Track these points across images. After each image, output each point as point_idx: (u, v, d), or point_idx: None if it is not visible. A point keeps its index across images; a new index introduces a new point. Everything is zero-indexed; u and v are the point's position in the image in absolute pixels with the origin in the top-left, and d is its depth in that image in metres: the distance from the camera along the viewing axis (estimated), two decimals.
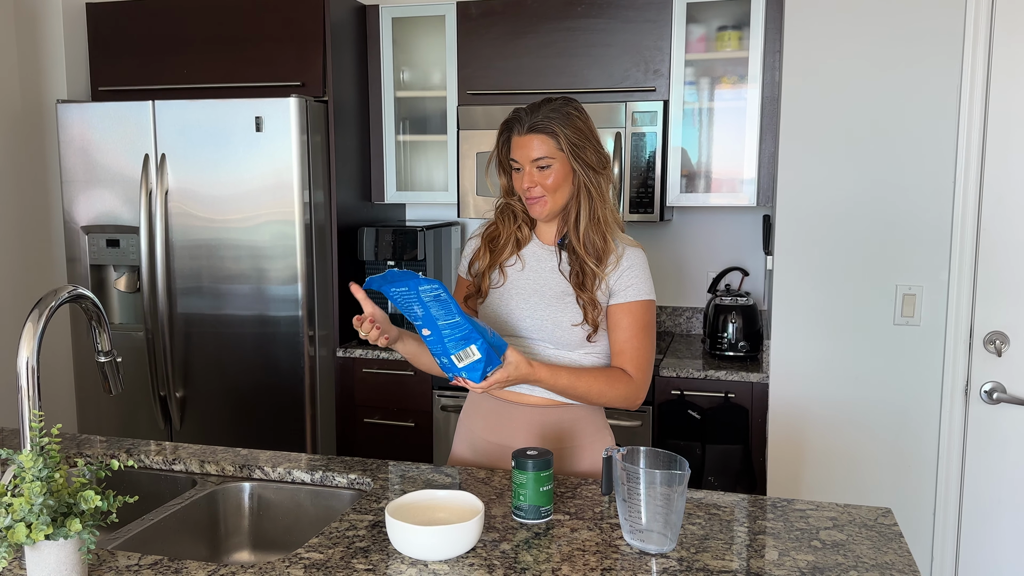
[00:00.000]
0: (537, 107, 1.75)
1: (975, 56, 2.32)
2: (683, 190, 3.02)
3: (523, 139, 1.73)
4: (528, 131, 1.72)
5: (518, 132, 1.74)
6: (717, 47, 2.95)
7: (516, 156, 1.75)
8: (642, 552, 1.39)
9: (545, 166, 1.72)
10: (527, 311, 1.78)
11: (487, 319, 1.83)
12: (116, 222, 3.01)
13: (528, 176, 1.73)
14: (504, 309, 1.81)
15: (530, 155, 1.72)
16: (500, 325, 1.81)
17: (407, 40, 3.29)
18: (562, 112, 1.73)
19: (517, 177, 1.77)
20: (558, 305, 1.77)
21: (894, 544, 1.42)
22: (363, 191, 3.28)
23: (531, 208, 1.77)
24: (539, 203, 1.75)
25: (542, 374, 1.65)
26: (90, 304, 1.46)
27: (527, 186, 1.74)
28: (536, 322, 1.77)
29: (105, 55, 3.21)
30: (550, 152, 1.72)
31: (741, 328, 2.87)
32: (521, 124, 1.73)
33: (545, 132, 1.72)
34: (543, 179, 1.73)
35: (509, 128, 1.77)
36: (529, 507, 1.50)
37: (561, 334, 1.76)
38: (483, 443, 1.85)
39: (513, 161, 1.76)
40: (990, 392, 2.41)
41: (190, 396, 3.04)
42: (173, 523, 1.65)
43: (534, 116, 1.73)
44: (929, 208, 2.41)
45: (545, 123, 1.72)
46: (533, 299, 1.79)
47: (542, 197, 1.74)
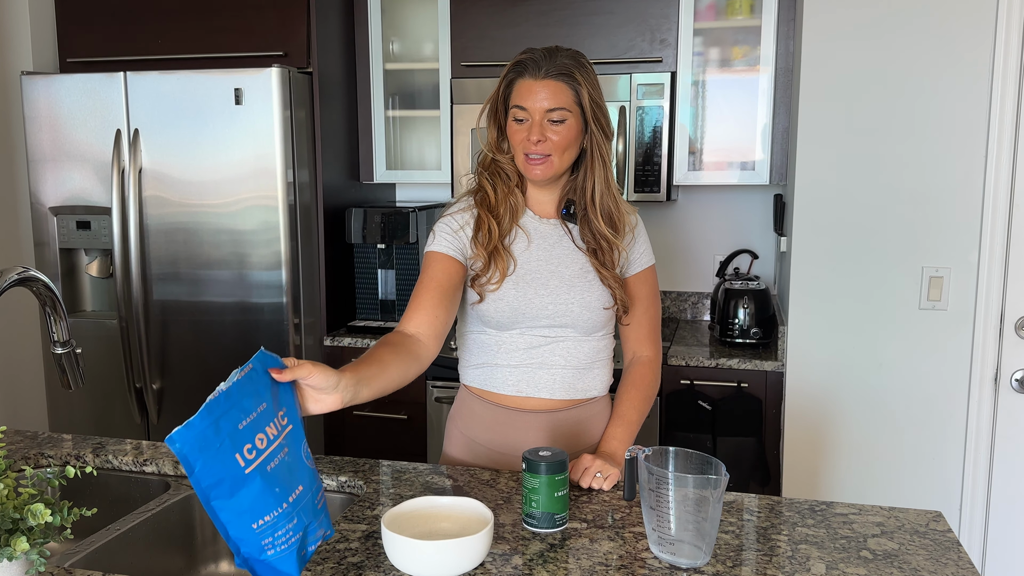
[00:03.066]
0: (554, 52, 1.51)
1: (1009, 25, 2.16)
2: (690, 168, 2.85)
3: (539, 84, 1.49)
4: (546, 75, 1.48)
5: (532, 75, 1.49)
6: (728, 15, 2.78)
7: (525, 103, 1.50)
8: (672, 567, 1.23)
9: (559, 120, 1.50)
10: (548, 297, 1.57)
11: (499, 313, 1.58)
12: (87, 203, 2.81)
13: (537, 128, 1.49)
14: (523, 297, 1.57)
15: (544, 104, 1.49)
16: (518, 316, 1.58)
17: (397, 8, 3.09)
18: (580, 62, 1.52)
19: (518, 129, 1.52)
20: (582, 285, 1.58)
21: (952, 554, 1.27)
22: (351, 170, 3.09)
23: (530, 168, 1.53)
24: (544, 164, 1.52)
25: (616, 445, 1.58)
26: (41, 287, 1.27)
27: (535, 139, 1.49)
28: (561, 307, 1.58)
29: (73, 24, 2.99)
30: (567, 104, 1.50)
31: (753, 314, 2.71)
32: (537, 66, 1.49)
33: (566, 81, 1.49)
34: (553, 133, 1.50)
35: (521, 70, 1.51)
36: (542, 515, 1.33)
37: (590, 317, 1.59)
38: (484, 450, 1.68)
39: (519, 109, 1.51)
40: (1022, 380, 2.27)
41: (168, 388, 2.85)
42: (144, 532, 1.47)
43: (556, 59, 1.49)
44: (959, 186, 2.25)
45: (568, 69, 1.49)
46: (552, 282, 1.58)
47: (548, 156, 1.51)
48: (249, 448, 1.05)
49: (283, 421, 1.11)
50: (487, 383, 1.64)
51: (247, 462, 1.05)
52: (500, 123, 1.58)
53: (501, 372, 1.62)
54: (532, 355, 1.60)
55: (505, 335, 1.61)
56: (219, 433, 1.04)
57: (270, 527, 1.06)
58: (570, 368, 1.61)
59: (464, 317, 1.67)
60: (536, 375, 1.61)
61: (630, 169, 2.79)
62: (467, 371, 1.69)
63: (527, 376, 1.61)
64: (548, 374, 1.61)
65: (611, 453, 1.56)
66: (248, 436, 1.06)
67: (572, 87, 1.50)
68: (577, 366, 1.62)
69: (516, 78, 1.52)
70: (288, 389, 1.15)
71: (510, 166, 1.59)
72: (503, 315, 1.58)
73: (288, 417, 1.13)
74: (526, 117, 1.51)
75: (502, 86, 1.55)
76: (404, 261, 2.98)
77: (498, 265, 1.56)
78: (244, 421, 1.06)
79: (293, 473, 1.10)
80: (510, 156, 1.58)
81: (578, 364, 1.62)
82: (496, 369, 1.62)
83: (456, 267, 1.57)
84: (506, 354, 1.61)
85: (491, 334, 1.62)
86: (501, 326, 1.60)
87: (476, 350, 1.65)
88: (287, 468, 1.09)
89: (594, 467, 1.48)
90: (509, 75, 1.54)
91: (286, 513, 1.07)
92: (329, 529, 1.15)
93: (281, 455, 1.09)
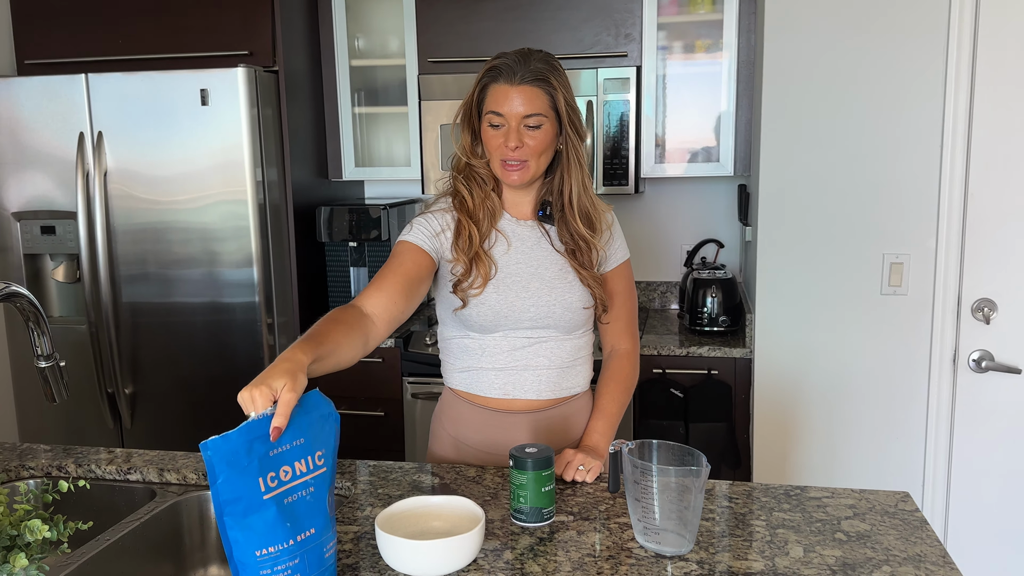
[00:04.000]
0: (527, 55, 1.52)
1: (962, 18, 2.24)
2: (657, 160, 2.90)
3: (515, 90, 1.50)
4: (521, 81, 1.49)
5: (508, 81, 1.50)
6: (690, 9, 2.82)
7: (501, 110, 1.51)
8: (658, 555, 1.27)
9: (535, 125, 1.52)
10: (530, 300, 1.60)
11: (481, 317, 1.60)
12: (51, 207, 2.78)
13: (515, 135, 1.51)
14: (504, 302, 1.59)
15: (521, 110, 1.50)
16: (500, 320, 1.60)
17: (361, 5, 3.08)
18: (554, 66, 1.53)
19: (494, 135, 1.53)
20: (562, 286, 1.62)
21: (921, 533, 1.33)
22: (319, 168, 3.08)
23: (507, 173, 1.55)
24: (521, 169, 1.54)
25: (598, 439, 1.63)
26: (26, 303, 1.28)
27: (513, 145, 1.51)
28: (543, 309, 1.60)
29: (30, 25, 2.94)
30: (543, 109, 1.52)
31: (721, 302, 2.78)
32: (512, 72, 1.50)
33: (543, 86, 1.51)
34: (530, 139, 1.52)
35: (495, 75, 1.52)
36: (530, 509, 1.37)
37: (571, 317, 1.62)
38: (471, 450, 1.70)
39: (494, 115, 1.52)
40: (978, 360, 2.36)
41: (140, 392, 2.83)
42: (132, 541, 1.48)
43: (528, 65, 1.50)
44: (916, 175, 2.33)
45: (543, 74, 1.50)
46: (533, 284, 1.61)
47: (525, 162, 1.53)
48: (272, 476, 1.08)
49: (319, 461, 1.13)
50: (472, 386, 1.67)
51: (267, 489, 1.07)
52: (474, 127, 1.59)
53: (487, 375, 1.64)
54: (516, 357, 1.63)
55: (488, 338, 1.63)
56: (250, 453, 1.06)
57: (271, 559, 1.08)
58: (554, 368, 1.65)
59: (445, 322, 1.69)
60: (521, 377, 1.64)
61: (599, 163, 2.83)
62: (452, 375, 1.71)
63: (512, 378, 1.64)
64: (533, 375, 1.64)
65: (593, 446, 1.60)
66: (275, 465, 1.08)
67: (548, 92, 1.51)
68: (560, 366, 1.65)
69: (490, 83, 1.53)
70: (332, 431, 1.16)
71: (485, 170, 1.60)
72: (486, 319, 1.60)
73: (325, 460, 1.14)
74: (502, 123, 1.52)
75: (476, 91, 1.56)
76: (376, 259, 2.99)
77: (480, 270, 1.58)
78: (276, 450, 1.08)
79: (309, 514, 1.12)
80: (485, 160, 1.59)
81: (561, 364, 1.65)
82: (481, 372, 1.65)
83: (427, 261, 1.57)
84: (490, 357, 1.63)
85: (475, 338, 1.64)
86: (484, 329, 1.62)
87: (460, 354, 1.67)
88: (306, 507, 1.11)
89: (576, 460, 1.52)
90: (483, 80, 1.54)
91: (290, 550, 1.09)
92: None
93: (303, 492, 1.11)
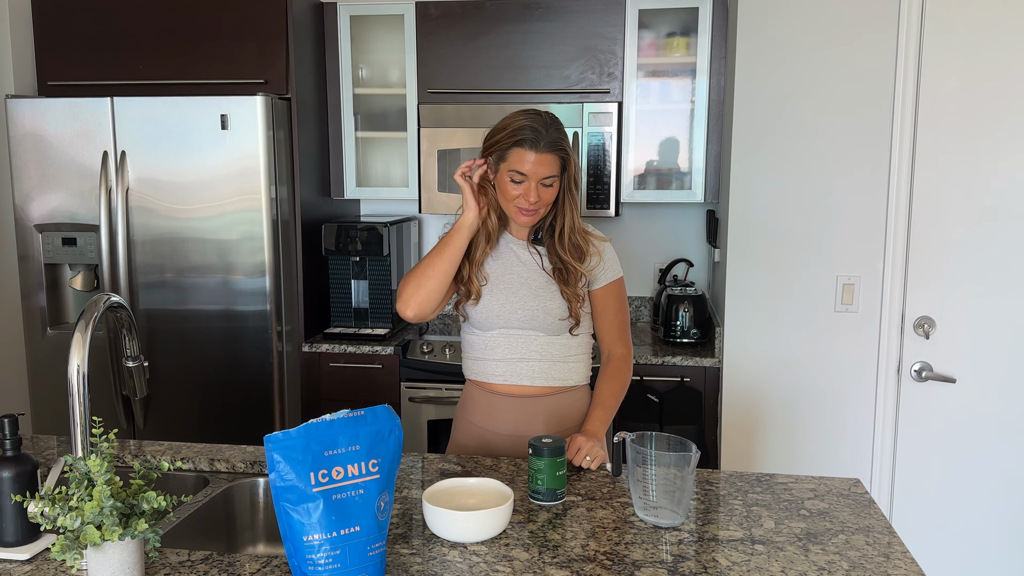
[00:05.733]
0: (545, 124, 1.81)
1: (906, 68, 2.56)
2: (635, 187, 3.19)
3: (538, 157, 1.79)
4: (543, 149, 1.79)
5: (532, 147, 1.79)
6: (667, 52, 3.13)
7: (524, 170, 1.80)
8: (655, 526, 1.54)
9: (549, 184, 1.83)
10: (518, 304, 1.92)
11: (481, 316, 1.94)
12: (72, 220, 2.96)
13: (533, 191, 1.81)
14: (496, 304, 1.92)
15: (541, 172, 1.80)
16: (494, 319, 1.93)
17: (365, 38, 3.33)
18: (563, 130, 1.85)
19: (513, 187, 1.82)
20: (545, 295, 1.92)
21: (870, 510, 1.62)
22: (323, 187, 3.31)
23: (520, 216, 1.86)
24: (533, 215, 1.86)
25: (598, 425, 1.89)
26: (124, 314, 1.50)
27: (532, 200, 1.82)
28: (528, 313, 1.92)
29: (53, 49, 3.12)
30: (557, 172, 1.83)
31: (693, 316, 3.07)
32: (537, 141, 1.79)
33: (559, 153, 1.82)
34: (544, 194, 1.83)
35: (520, 140, 1.80)
36: (546, 490, 1.63)
37: (552, 321, 1.93)
38: (479, 431, 1.98)
39: (517, 173, 1.81)
40: (919, 371, 2.67)
41: (154, 394, 3.02)
42: (194, 521, 1.70)
43: (548, 132, 1.80)
44: (866, 207, 2.64)
45: (560, 142, 1.82)
46: (522, 291, 1.92)
47: (537, 210, 1.86)
48: (324, 474, 1.27)
49: (372, 468, 1.30)
50: (480, 374, 1.99)
51: (316, 483, 1.26)
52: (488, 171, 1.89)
53: (490, 365, 1.97)
54: (512, 350, 1.94)
55: (489, 335, 1.96)
56: (306, 450, 1.26)
57: (316, 546, 1.26)
58: (545, 360, 1.95)
59: (463, 323, 2.04)
60: (517, 367, 1.95)
61: (583, 189, 3.11)
62: (466, 364, 2.04)
63: (510, 368, 1.95)
64: (527, 365, 1.94)
65: (593, 432, 1.88)
66: (328, 464, 1.27)
67: (561, 158, 1.83)
68: (552, 359, 1.95)
69: (515, 146, 1.81)
70: (392, 445, 1.33)
71: (494, 203, 1.90)
72: (484, 317, 1.94)
73: (379, 468, 1.30)
74: (523, 180, 1.82)
75: (500, 150, 1.83)
76: (376, 272, 3.22)
77: (472, 287, 1.92)
78: (331, 451, 1.28)
79: (357, 514, 1.27)
80: (493, 195, 1.89)
81: (552, 357, 1.95)
82: (486, 363, 1.97)
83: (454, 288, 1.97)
84: (492, 350, 1.96)
85: (478, 335, 1.98)
86: (484, 327, 1.96)
87: (469, 348, 2.02)
88: (354, 506, 1.27)
89: (584, 450, 1.79)
90: (509, 142, 1.82)
91: (332, 541, 1.26)
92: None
93: (353, 493, 1.28)
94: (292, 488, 1.26)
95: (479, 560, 1.40)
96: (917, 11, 2.53)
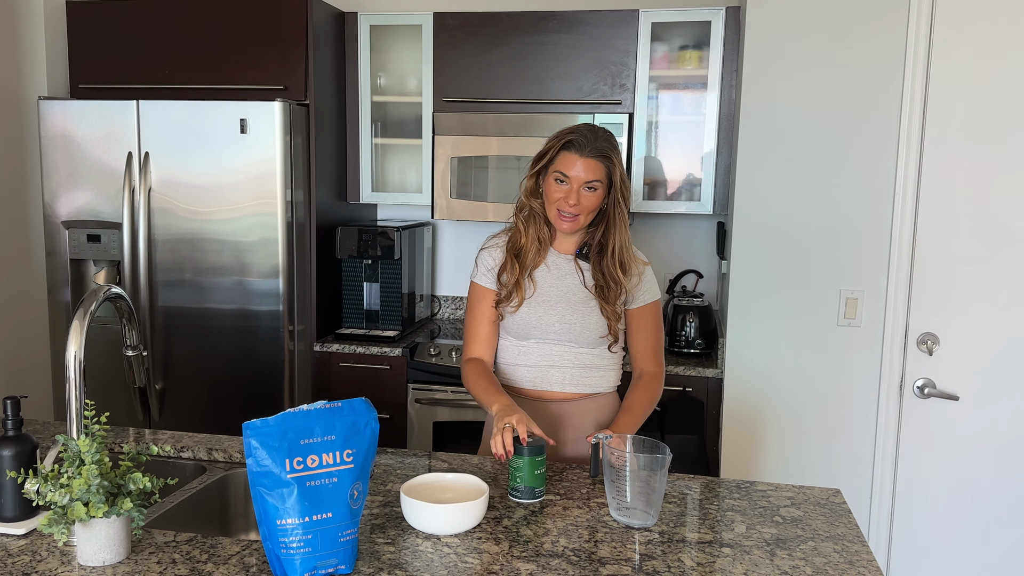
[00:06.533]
0: (595, 133, 1.89)
1: (913, 85, 2.57)
2: (645, 197, 3.22)
3: (582, 160, 1.86)
4: (589, 154, 1.86)
5: (579, 151, 1.86)
6: (679, 65, 3.16)
7: (568, 172, 1.87)
8: (627, 527, 1.57)
9: (593, 188, 1.89)
10: (556, 316, 1.97)
11: (517, 326, 1.99)
12: (97, 217, 3.08)
13: (575, 194, 1.87)
14: (534, 316, 1.98)
15: (584, 176, 1.87)
16: (530, 330, 1.98)
17: (384, 47, 3.42)
18: (614, 144, 1.91)
19: (557, 188, 1.89)
20: (584, 309, 1.97)
21: (845, 519, 1.63)
22: (339, 191, 3.40)
23: (561, 222, 1.92)
24: (573, 221, 1.91)
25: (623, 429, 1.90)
26: (124, 304, 1.57)
27: (572, 203, 1.88)
28: (565, 326, 1.97)
29: (85, 53, 3.26)
30: (600, 178, 1.89)
31: (698, 327, 3.09)
32: (583, 146, 1.87)
33: (604, 161, 1.88)
34: (586, 200, 1.89)
35: (568, 144, 1.88)
36: (525, 488, 1.67)
37: (588, 335, 1.98)
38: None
39: (560, 174, 1.88)
40: (922, 387, 2.67)
41: (169, 388, 3.12)
42: (188, 506, 1.77)
43: (597, 141, 1.87)
44: (871, 221, 2.65)
45: (607, 151, 1.88)
46: (560, 305, 1.97)
47: (577, 216, 1.91)
48: (299, 461, 1.32)
49: (347, 458, 1.36)
50: (512, 379, 2.04)
51: (291, 470, 1.32)
52: (537, 178, 1.96)
53: (521, 371, 2.03)
54: (545, 358, 2.00)
55: (523, 343, 2.02)
56: (283, 438, 1.32)
57: (289, 530, 1.31)
58: (578, 368, 2.00)
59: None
60: (549, 373, 2.00)
61: None
62: (497, 368, 2.08)
63: (542, 374, 2.01)
64: (559, 372, 2.00)
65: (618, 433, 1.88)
66: (303, 452, 1.33)
67: (607, 166, 1.89)
68: (584, 366, 2.00)
69: (563, 150, 1.89)
70: (367, 437, 1.38)
71: (541, 211, 1.98)
72: (520, 328, 2.00)
73: (354, 458, 1.36)
74: (566, 181, 1.88)
75: (552, 152, 1.91)
76: (388, 275, 3.29)
77: (518, 294, 1.97)
78: (307, 440, 1.33)
79: (329, 501, 1.33)
80: (542, 202, 1.96)
81: (584, 365, 2.00)
82: (518, 368, 2.03)
83: (494, 296, 2.03)
84: (524, 356, 2.02)
85: (512, 342, 2.03)
86: (519, 336, 2.02)
87: (502, 352, 2.07)
88: (326, 493, 1.33)
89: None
90: (558, 146, 1.90)
91: (305, 525, 1.32)
92: (346, 565, 1.35)
93: (326, 480, 1.34)
94: (268, 473, 1.32)
95: (450, 552, 1.45)
96: (926, 26, 2.54)
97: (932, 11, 2.52)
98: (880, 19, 2.56)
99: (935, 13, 2.52)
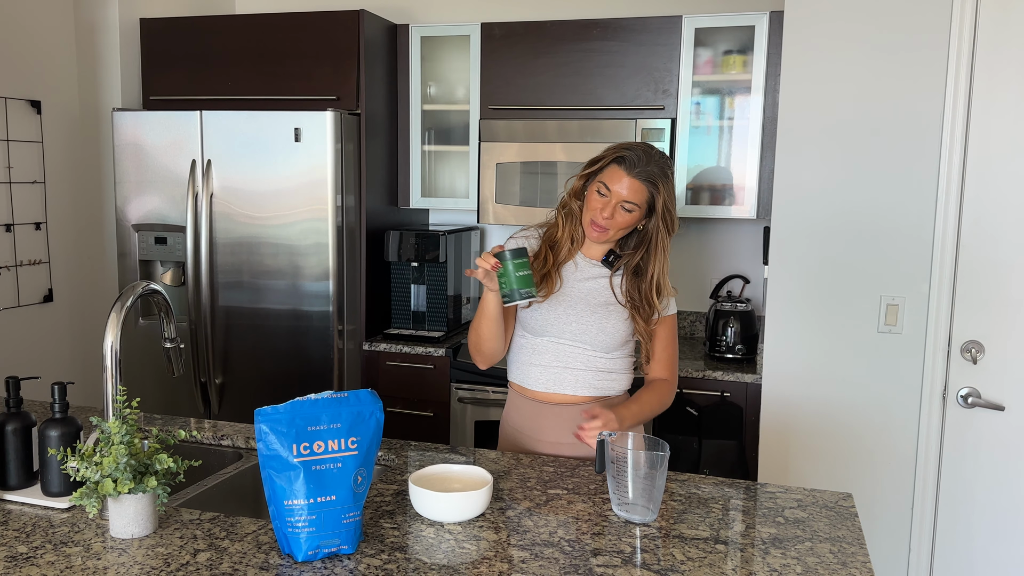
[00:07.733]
0: (649, 154, 1.92)
1: (956, 88, 2.52)
2: (688, 202, 3.23)
3: (628, 179, 1.90)
4: (636, 176, 1.90)
5: (628, 169, 1.90)
6: (723, 69, 3.17)
7: (612, 186, 1.91)
8: (627, 521, 1.61)
9: (629, 209, 1.92)
10: (574, 316, 2.01)
11: (535, 321, 2.03)
12: (164, 221, 3.28)
13: (611, 208, 1.91)
14: (552, 313, 2.02)
15: (624, 194, 1.90)
16: (547, 327, 2.02)
17: (434, 57, 3.53)
18: (666, 172, 1.93)
19: (596, 198, 1.94)
20: (602, 313, 2.01)
21: (848, 523, 1.64)
22: (390, 196, 3.52)
23: (592, 230, 1.97)
24: (603, 232, 1.96)
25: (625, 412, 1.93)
26: (160, 299, 1.71)
27: (605, 216, 1.92)
28: (582, 327, 2.01)
29: (156, 67, 3.47)
30: (640, 201, 1.92)
31: (739, 332, 3.08)
32: (634, 165, 1.89)
33: (649, 186, 1.91)
34: (620, 217, 1.92)
35: (620, 160, 1.91)
36: (511, 290, 1.77)
37: (603, 339, 2.01)
38: (519, 436, 2.10)
39: (604, 186, 1.92)
40: (966, 397, 2.60)
41: (228, 383, 3.29)
42: (223, 489, 1.90)
43: (648, 164, 1.90)
44: (912, 225, 2.61)
45: (654, 177, 1.90)
46: (579, 306, 2.01)
47: (607, 230, 1.95)
48: (305, 446, 1.42)
49: (351, 446, 1.45)
50: (524, 380, 2.08)
51: (298, 454, 1.41)
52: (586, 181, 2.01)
53: (534, 371, 2.05)
54: (558, 358, 2.03)
55: (538, 340, 2.05)
56: (291, 425, 1.42)
57: (296, 510, 1.41)
58: (591, 371, 2.03)
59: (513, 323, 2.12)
60: (561, 375, 2.03)
61: None
62: (510, 367, 2.13)
63: (554, 375, 2.03)
64: (572, 375, 2.03)
65: (619, 417, 1.91)
66: (310, 438, 1.42)
67: (650, 191, 1.92)
68: (597, 369, 2.04)
69: (614, 163, 1.93)
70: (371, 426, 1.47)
71: (579, 212, 2.03)
72: (537, 323, 2.03)
73: (358, 446, 1.44)
74: (607, 194, 1.92)
75: (604, 163, 1.95)
76: (434, 277, 3.39)
77: (547, 285, 2.01)
78: (314, 427, 1.43)
79: (334, 484, 1.41)
80: (581, 205, 2.02)
81: (597, 368, 2.04)
82: (531, 367, 2.06)
83: None
84: (538, 355, 2.05)
85: (528, 338, 2.07)
86: (535, 332, 2.05)
87: (516, 351, 2.10)
88: (331, 477, 1.42)
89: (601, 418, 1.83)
90: (611, 158, 1.94)
91: (309, 506, 1.41)
92: (348, 545, 1.43)
93: (331, 465, 1.43)
94: (276, 457, 1.42)
95: (450, 538, 1.52)
96: (969, 31, 2.49)
97: (976, 14, 2.47)
98: (922, 22, 2.52)
99: (979, 17, 2.47)
